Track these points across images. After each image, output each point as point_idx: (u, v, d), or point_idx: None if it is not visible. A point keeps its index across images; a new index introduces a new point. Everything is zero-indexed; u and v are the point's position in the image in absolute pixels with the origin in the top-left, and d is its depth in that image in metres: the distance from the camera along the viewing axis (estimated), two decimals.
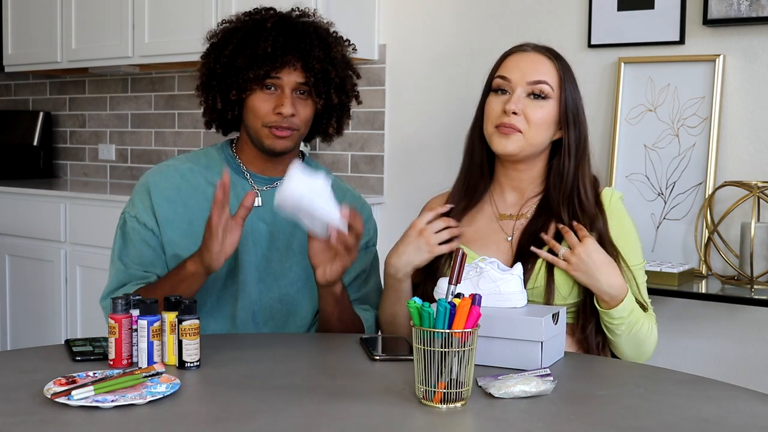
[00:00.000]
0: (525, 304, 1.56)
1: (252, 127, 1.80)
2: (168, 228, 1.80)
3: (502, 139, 1.71)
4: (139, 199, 1.83)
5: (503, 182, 1.80)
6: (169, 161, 1.89)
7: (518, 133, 1.70)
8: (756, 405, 1.32)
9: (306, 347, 1.66)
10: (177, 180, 1.83)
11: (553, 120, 1.73)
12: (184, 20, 3.50)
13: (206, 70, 1.82)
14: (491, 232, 1.78)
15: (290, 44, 1.75)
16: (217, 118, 1.85)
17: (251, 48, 1.75)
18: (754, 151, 2.59)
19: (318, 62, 1.76)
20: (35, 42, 4.08)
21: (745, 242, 2.45)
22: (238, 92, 1.77)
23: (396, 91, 3.33)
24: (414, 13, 3.26)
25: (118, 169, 4.32)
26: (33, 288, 3.75)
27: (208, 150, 1.90)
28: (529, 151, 1.73)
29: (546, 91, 1.71)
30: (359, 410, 1.26)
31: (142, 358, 1.44)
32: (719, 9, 2.57)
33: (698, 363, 2.66)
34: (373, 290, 1.94)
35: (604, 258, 1.64)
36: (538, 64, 1.73)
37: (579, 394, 1.37)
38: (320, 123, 1.87)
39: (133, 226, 1.81)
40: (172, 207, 1.81)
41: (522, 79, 1.72)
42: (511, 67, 1.74)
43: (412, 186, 3.27)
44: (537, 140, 1.72)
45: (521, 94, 1.71)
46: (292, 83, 1.76)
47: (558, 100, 1.73)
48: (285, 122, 1.76)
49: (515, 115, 1.70)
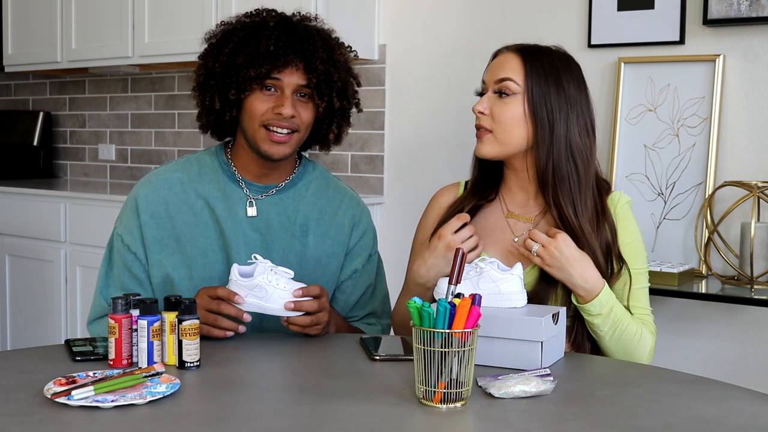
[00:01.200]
0: (525, 304, 1.56)
1: (249, 130, 1.74)
2: (155, 248, 1.77)
3: (478, 144, 1.75)
4: (126, 216, 1.80)
5: (509, 182, 1.81)
6: (159, 169, 1.84)
7: (488, 133, 1.72)
8: (756, 405, 1.32)
9: (306, 347, 1.66)
10: (165, 193, 1.78)
11: (523, 116, 1.71)
12: (184, 20, 3.50)
13: (204, 70, 1.76)
14: (498, 230, 1.78)
15: (293, 44, 1.71)
16: (214, 120, 1.79)
17: (252, 46, 1.70)
18: (754, 151, 2.59)
19: (321, 63, 1.72)
20: (35, 42, 4.08)
21: (745, 242, 2.45)
22: (237, 92, 1.71)
23: (396, 91, 3.33)
24: (414, 13, 3.26)
25: (118, 169, 4.32)
26: (33, 288, 3.75)
27: (201, 155, 1.85)
28: (508, 151, 1.73)
29: (511, 88, 1.71)
30: (359, 410, 1.26)
31: (142, 358, 1.44)
32: (719, 9, 2.57)
33: (698, 363, 2.66)
34: (380, 301, 1.94)
35: (577, 253, 1.64)
36: (505, 62, 1.74)
37: (579, 394, 1.37)
38: (320, 129, 1.81)
39: (118, 248, 1.80)
40: (159, 224, 1.78)
41: (491, 78, 1.74)
42: (488, 70, 1.77)
43: (412, 186, 3.27)
44: (509, 138, 1.71)
45: (491, 93, 1.73)
46: (293, 85, 1.72)
47: (526, 96, 1.71)
48: (284, 122, 1.71)
49: (483, 115, 1.72)
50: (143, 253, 1.78)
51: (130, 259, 1.78)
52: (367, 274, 1.89)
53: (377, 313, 1.92)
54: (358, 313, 1.90)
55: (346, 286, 1.87)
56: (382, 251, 1.96)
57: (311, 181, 1.86)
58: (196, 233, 1.77)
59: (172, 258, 1.77)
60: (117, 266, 1.79)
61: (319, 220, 1.83)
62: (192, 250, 1.76)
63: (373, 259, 1.92)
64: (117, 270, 1.79)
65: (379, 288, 1.93)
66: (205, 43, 1.80)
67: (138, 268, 1.78)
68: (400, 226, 3.28)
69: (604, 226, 1.72)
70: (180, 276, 1.76)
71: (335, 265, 1.84)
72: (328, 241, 1.83)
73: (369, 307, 1.91)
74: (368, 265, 1.90)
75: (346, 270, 1.86)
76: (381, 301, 1.93)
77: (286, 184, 1.83)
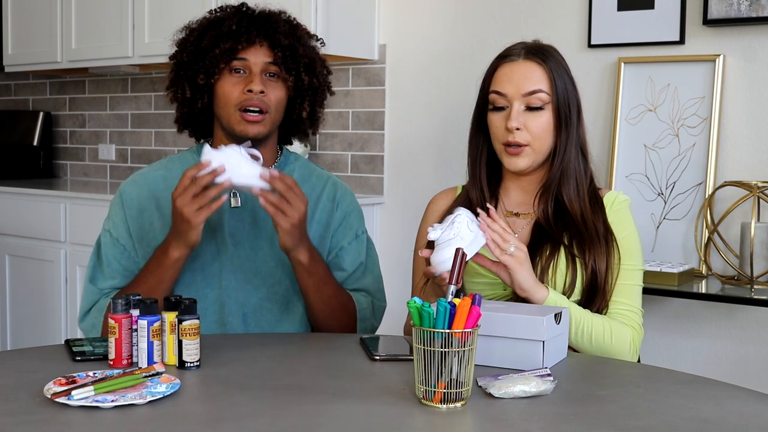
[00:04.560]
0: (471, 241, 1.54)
1: (224, 115, 1.78)
2: (143, 240, 1.80)
3: (512, 158, 1.74)
4: (113, 213, 1.84)
5: (510, 185, 1.82)
6: (143, 170, 1.89)
7: (525, 148, 1.72)
8: (756, 405, 1.32)
9: (306, 347, 1.66)
10: (148, 190, 1.83)
11: (553, 124, 1.74)
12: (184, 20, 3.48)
13: (174, 65, 1.83)
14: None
15: (255, 23, 1.77)
16: (188, 113, 1.83)
17: (215, 29, 1.76)
18: (754, 151, 2.59)
19: (285, 37, 1.77)
20: (35, 42, 4.08)
21: (745, 242, 2.45)
22: (206, 76, 1.76)
23: (396, 91, 3.33)
24: (414, 13, 3.26)
25: (118, 169, 4.32)
26: (33, 288, 3.75)
27: (183, 154, 1.90)
28: (539, 160, 1.76)
29: (543, 99, 1.72)
30: (359, 410, 1.26)
31: (142, 358, 1.44)
32: (719, 9, 2.57)
33: (698, 363, 2.66)
34: (373, 281, 1.92)
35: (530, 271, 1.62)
36: (529, 72, 1.73)
37: (579, 394, 1.37)
38: (293, 109, 1.84)
39: (106, 242, 1.82)
40: (144, 218, 1.81)
41: (517, 92, 1.72)
42: (504, 80, 1.74)
43: (412, 186, 3.27)
44: (543, 148, 1.74)
45: (519, 108, 1.72)
46: (260, 63, 1.76)
47: (552, 103, 1.73)
48: (255, 100, 1.74)
49: (518, 131, 1.71)
50: (132, 246, 1.80)
51: (119, 251, 1.80)
52: (356, 252, 1.88)
53: (370, 291, 1.90)
54: (347, 285, 1.88)
55: (335, 263, 1.87)
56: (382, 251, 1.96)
57: (293, 170, 1.88)
58: None
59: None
60: (107, 259, 1.81)
61: None
62: None
63: (362, 240, 1.91)
64: (106, 263, 1.80)
65: (369, 267, 1.92)
66: (174, 45, 1.86)
67: (127, 260, 1.80)
68: (400, 226, 3.28)
69: (597, 210, 1.75)
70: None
71: (322, 248, 1.85)
72: (313, 225, 1.84)
73: (359, 283, 1.89)
74: (356, 243, 1.89)
75: (333, 248, 1.87)
76: (373, 280, 1.92)
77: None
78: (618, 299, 1.72)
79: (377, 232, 3.32)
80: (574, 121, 1.75)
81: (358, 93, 3.39)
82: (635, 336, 1.70)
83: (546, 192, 1.76)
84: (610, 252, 1.71)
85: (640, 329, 1.72)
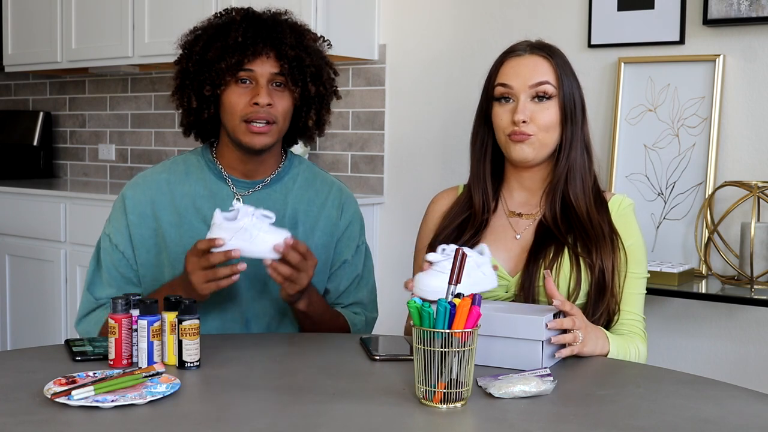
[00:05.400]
0: (495, 285, 1.57)
1: (230, 125, 1.76)
2: (142, 248, 1.79)
3: (518, 146, 1.73)
4: (114, 217, 1.83)
5: (513, 184, 1.81)
6: (146, 171, 1.87)
7: (529, 137, 1.72)
8: (756, 405, 1.32)
9: (306, 347, 1.66)
10: (151, 194, 1.81)
11: (559, 118, 1.74)
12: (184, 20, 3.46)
13: (180, 72, 1.80)
14: (500, 228, 1.78)
15: (261, 33, 1.74)
16: (194, 121, 1.81)
17: (222, 40, 1.74)
18: (754, 151, 2.59)
19: (291, 49, 1.74)
20: (35, 42, 4.08)
21: (745, 242, 2.45)
22: (212, 87, 1.74)
23: (396, 91, 3.33)
24: (414, 13, 3.26)
25: (118, 169, 4.32)
26: (33, 288, 3.75)
27: (187, 156, 1.88)
28: (544, 153, 1.75)
29: (549, 91, 1.72)
30: (359, 410, 1.26)
31: (142, 358, 1.44)
32: (719, 9, 2.57)
33: (698, 363, 2.66)
34: (367, 292, 1.93)
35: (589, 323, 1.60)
36: (536, 65, 1.74)
37: (579, 394, 1.37)
38: (299, 117, 1.83)
39: (106, 247, 1.81)
40: (146, 224, 1.80)
41: (524, 84, 1.72)
42: (510, 73, 1.74)
43: (412, 186, 3.27)
44: (549, 140, 1.74)
45: (525, 99, 1.72)
46: (267, 74, 1.74)
47: (559, 97, 1.73)
48: (262, 112, 1.72)
49: (524, 124, 1.71)
50: (131, 253, 1.80)
51: (117, 258, 1.80)
52: (354, 265, 1.90)
53: (363, 303, 1.92)
54: (343, 301, 1.90)
55: (335, 276, 1.88)
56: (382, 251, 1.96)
57: (298, 174, 1.88)
58: (181, 233, 1.78)
59: (159, 258, 1.79)
60: (105, 265, 1.80)
61: (308, 212, 1.84)
62: (176, 249, 1.77)
63: (361, 250, 1.92)
64: (105, 269, 1.80)
65: (365, 279, 1.93)
66: (179, 48, 1.84)
67: (125, 267, 1.80)
68: (400, 226, 3.28)
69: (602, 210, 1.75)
70: (167, 276, 1.77)
71: (326, 256, 1.85)
72: (317, 232, 1.84)
73: (354, 296, 1.91)
74: (356, 256, 1.90)
75: (337, 260, 1.87)
76: (368, 292, 1.93)
77: (272, 179, 1.84)
78: (627, 308, 1.73)
79: (377, 232, 3.31)
80: (579, 118, 1.76)
81: (358, 93, 3.39)
82: (646, 351, 1.72)
83: (553, 191, 1.76)
84: (615, 252, 1.71)
85: (646, 336, 1.74)
